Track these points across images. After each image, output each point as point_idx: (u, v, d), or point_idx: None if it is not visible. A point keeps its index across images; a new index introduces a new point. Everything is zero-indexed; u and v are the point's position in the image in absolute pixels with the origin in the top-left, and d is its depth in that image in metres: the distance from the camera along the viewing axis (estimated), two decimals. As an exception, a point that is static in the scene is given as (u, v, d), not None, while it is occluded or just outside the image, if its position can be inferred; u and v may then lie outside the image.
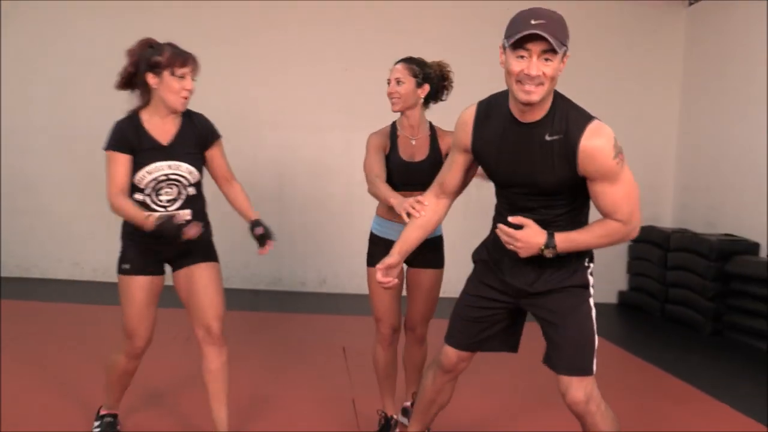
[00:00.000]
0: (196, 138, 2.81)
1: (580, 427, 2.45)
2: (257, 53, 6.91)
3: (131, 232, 2.77)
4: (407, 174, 3.04)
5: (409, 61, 3.08)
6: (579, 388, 2.31)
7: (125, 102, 2.91)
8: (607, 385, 4.17)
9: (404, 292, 3.20)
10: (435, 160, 2.99)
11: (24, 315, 5.21)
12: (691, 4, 7.25)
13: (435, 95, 3.12)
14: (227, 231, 7.02)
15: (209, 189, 2.98)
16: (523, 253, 2.22)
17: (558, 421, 2.69)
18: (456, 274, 3.30)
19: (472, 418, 3.57)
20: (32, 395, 3.52)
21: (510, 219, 2.23)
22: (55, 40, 6.76)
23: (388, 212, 3.02)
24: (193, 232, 2.61)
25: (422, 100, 3.08)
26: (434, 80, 3.08)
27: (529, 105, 2.13)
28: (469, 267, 2.61)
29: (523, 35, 2.03)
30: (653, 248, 6.80)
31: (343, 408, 3.58)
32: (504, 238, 2.24)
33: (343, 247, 6.88)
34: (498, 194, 2.43)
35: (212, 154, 2.87)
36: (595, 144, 2.12)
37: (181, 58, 2.69)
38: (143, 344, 2.85)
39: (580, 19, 7.23)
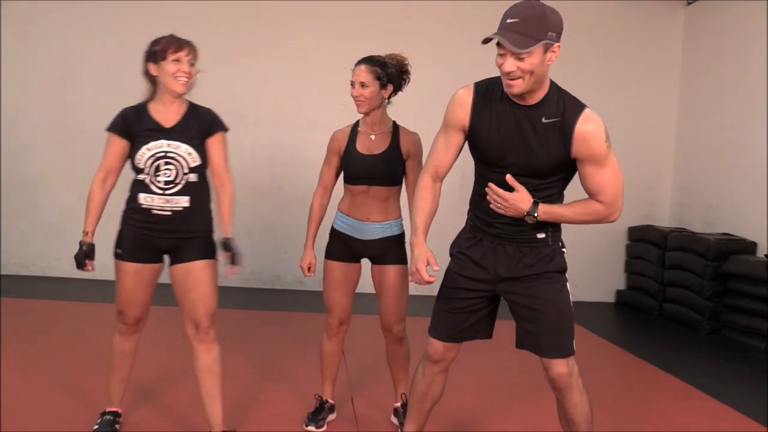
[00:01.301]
0: (199, 125, 2.91)
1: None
2: (255, 52, 6.92)
3: (131, 216, 2.86)
4: (363, 166, 3.12)
5: (370, 62, 3.14)
6: (562, 364, 2.46)
7: (124, 101, 2.95)
8: (604, 384, 4.22)
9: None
10: (391, 155, 3.11)
11: (23, 313, 5.21)
12: (689, 3, 7.26)
13: (395, 89, 3.20)
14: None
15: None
16: (509, 213, 2.37)
17: (554, 419, 2.70)
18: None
19: (468, 417, 3.59)
20: (32, 393, 3.53)
21: (507, 178, 2.35)
22: (54, 39, 6.75)
23: (349, 209, 3.19)
24: (84, 269, 2.85)
25: (387, 100, 3.17)
26: (395, 78, 3.16)
27: (513, 96, 2.28)
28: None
29: (489, 38, 2.19)
30: (651, 247, 6.81)
31: (342, 406, 3.59)
32: (493, 196, 2.37)
33: (341, 246, 6.88)
34: (481, 179, 2.49)
35: (211, 142, 2.94)
36: (589, 128, 2.29)
37: (175, 44, 2.84)
38: (132, 321, 2.96)
39: (577, 18, 7.26)
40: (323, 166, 3.31)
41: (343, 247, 3.21)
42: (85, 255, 2.84)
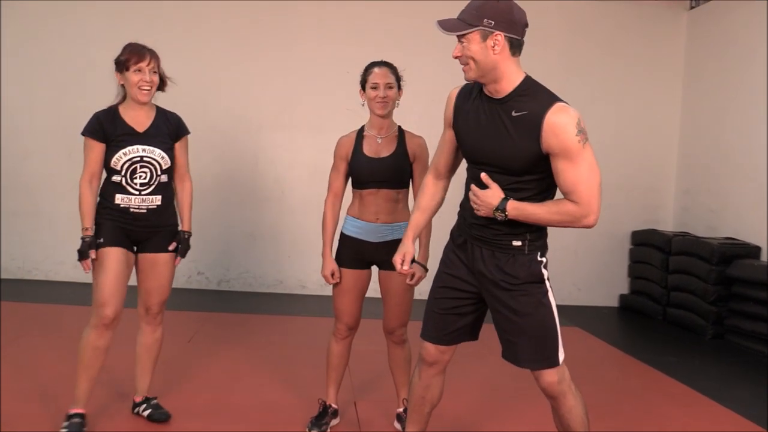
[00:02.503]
0: (169, 129, 3.14)
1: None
2: (258, 56, 6.93)
3: (108, 213, 3.03)
4: (372, 170, 3.14)
5: (390, 66, 3.21)
6: (551, 372, 2.44)
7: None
8: (608, 388, 4.21)
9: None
10: (398, 158, 3.14)
11: (26, 317, 5.21)
12: (692, 7, 7.26)
13: None
14: (229, 236, 7.05)
15: (222, 198, 3.01)
16: (482, 213, 2.35)
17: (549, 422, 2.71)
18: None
19: (470, 419, 3.58)
20: (34, 395, 3.53)
21: (482, 176, 2.34)
22: (56, 42, 6.77)
23: (359, 212, 3.20)
24: (85, 267, 2.98)
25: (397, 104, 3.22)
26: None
27: (471, 82, 2.35)
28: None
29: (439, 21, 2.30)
30: (654, 252, 6.80)
31: (345, 410, 3.58)
32: (471, 197, 2.38)
33: (344, 250, 6.88)
34: (469, 178, 2.50)
35: (178, 146, 3.18)
36: (559, 119, 2.20)
37: (137, 54, 2.99)
38: (112, 314, 2.98)
39: (580, 22, 7.28)
40: (332, 174, 3.32)
41: (353, 254, 3.22)
42: (89, 246, 2.95)
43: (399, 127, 3.24)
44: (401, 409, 3.36)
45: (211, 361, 4.37)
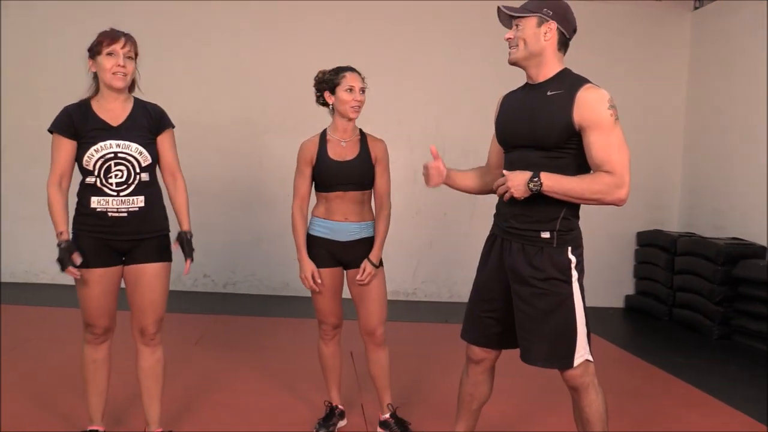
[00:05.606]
0: (149, 122, 2.82)
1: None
2: (263, 58, 6.95)
3: (85, 222, 2.74)
4: (339, 173, 3.16)
5: (358, 71, 3.26)
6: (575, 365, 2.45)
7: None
8: (614, 389, 4.20)
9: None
10: (363, 161, 3.17)
11: (32, 320, 5.24)
12: (696, 8, 7.26)
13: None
14: (235, 239, 7.07)
15: (221, 198, 3.01)
16: (516, 193, 2.35)
17: (564, 425, 2.70)
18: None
19: (481, 423, 3.57)
20: (36, 396, 3.55)
21: (504, 171, 2.42)
22: (61, 44, 6.79)
23: (326, 213, 3.20)
24: (70, 273, 2.66)
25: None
26: None
27: (514, 65, 2.50)
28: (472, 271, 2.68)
29: (497, 12, 2.49)
30: (660, 252, 6.80)
31: (353, 413, 3.59)
32: (498, 190, 2.41)
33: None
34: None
35: (161, 140, 2.86)
36: (591, 94, 2.36)
37: (109, 37, 2.73)
38: (102, 330, 2.84)
39: (583, 24, 7.24)
40: (297, 179, 3.28)
41: (323, 252, 3.21)
42: (68, 251, 2.65)
43: (360, 130, 3.27)
44: (387, 415, 3.33)
45: (217, 363, 4.38)
